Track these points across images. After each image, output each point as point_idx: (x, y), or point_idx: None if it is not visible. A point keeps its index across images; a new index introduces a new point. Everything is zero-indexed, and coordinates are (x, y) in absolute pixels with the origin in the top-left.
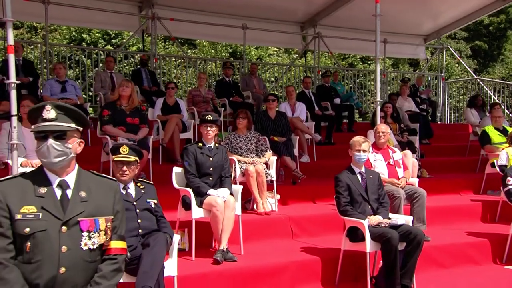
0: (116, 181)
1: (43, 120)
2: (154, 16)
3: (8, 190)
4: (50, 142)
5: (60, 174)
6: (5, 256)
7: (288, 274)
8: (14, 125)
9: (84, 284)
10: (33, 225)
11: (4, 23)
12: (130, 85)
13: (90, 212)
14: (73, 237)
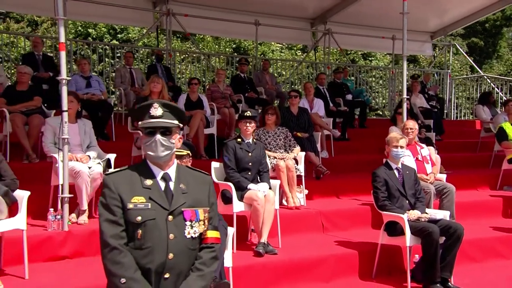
0: (209, 175)
1: (150, 117)
2: (169, 12)
3: (119, 181)
4: (158, 137)
5: (163, 168)
6: (120, 242)
7: (327, 266)
8: (65, 120)
9: (187, 270)
10: (144, 214)
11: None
12: (160, 81)
13: (191, 203)
14: (178, 226)
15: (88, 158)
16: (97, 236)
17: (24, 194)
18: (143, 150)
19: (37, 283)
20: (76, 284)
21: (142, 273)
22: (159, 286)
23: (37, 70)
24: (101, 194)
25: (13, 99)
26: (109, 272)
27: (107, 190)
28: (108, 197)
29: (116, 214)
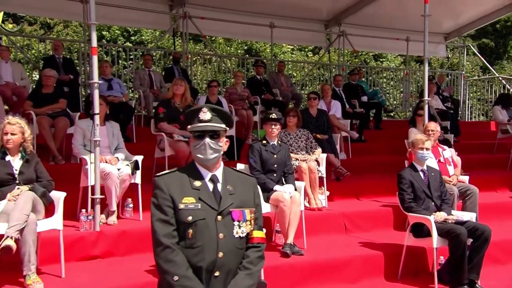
0: (253, 177)
1: (199, 121)
2: (186, 15)
3: (170, 183)
4: (207, 140)
5: (211, 170)
6: (172, 241)
7: (353, 267)
8: (97, 122)
9: (235, 269)
10: (194, 214)
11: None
12: (183, 84)
13: (238, 204)
14: (227, 225)
15: (117, 160)
16: (127, 237)
17: (60, 195)
18: (193, 153)
19: (73, 282)
20: (111, 284)
21: (193, 271)
22: (209, 284)
23: (58, 73)
24: (152, 195)
25: (39, 102)
26: (162, 270)
27: (159, 191)
28: (160, 198)
29: (168, 214)
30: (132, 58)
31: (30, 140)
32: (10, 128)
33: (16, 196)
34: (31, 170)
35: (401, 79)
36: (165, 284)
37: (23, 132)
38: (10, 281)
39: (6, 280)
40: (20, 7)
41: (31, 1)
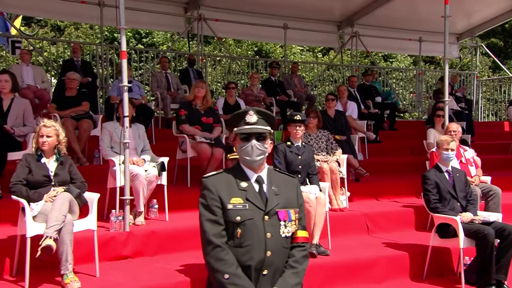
0: (295, 178)
1: (246, 124)
2: (201, 17)
3: (217, 184)
4: (254, 143)
5: (256, 171)
6: (221, 240)
7: (379, 268)
8: (126, 125)
9: (282, 267)
10: (242, 214)
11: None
12: (204, 86)
13: (283, 204)
14: (274, 225)
15: (144, 161)
16: (156, 237)
17: (94, 196)
18: (239, 154)
19: (108, 281)
20: (146, 283)
21: (242, 269)
22: (258, 282)
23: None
24: (200, 195)
25: (62, 105)
26: (212, 268)
27: (207, 191)
28: (209, 198)
29: (216, 214)
30: (143, 60)
31: (65, 142)
32: (46, 130)
33: (53, 197)
34: (65, 171)
35: (411, 80)
36: (215, 282)
37: (58, 134)
38: (47, 280)
39: (43, 279)
40: (38, 11)
41: (50, 5)
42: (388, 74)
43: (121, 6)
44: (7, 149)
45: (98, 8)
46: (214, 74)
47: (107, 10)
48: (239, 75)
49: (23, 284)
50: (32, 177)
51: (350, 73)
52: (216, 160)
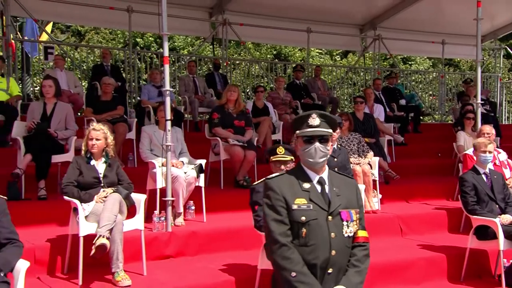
0: (354, 179)
1: (308, 126)
2: (226, 22)
3: (281, 185)
4: (317, 145)
5: (318, 172)
6: (287, 239)
7: (416, 269)
8: (168, 128)
9: (345, 266)
10: (307, 214)
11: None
12: (236, 90)
13: (345, 205)
14: (337, 225)
15: (182, 164)
16: (197, 237)
17: (141, 198)
18: (301, 156)
19: (155, 279)
20: (192, 282)
21: (307, 267)
22: (323, 280)
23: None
24: (264, 196)
25: (98, 109)
26: (279, 266)
27: (272, 192)
28: (273, 199)
29: (282, 214)
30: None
31: (112, 145)
32: (95, 134)
33: (103, 198)
34: (113, 173)
35: (430, 82)
36: (282, 279)
37: (106, 137)
38: (98, 277)
39: (95, 277)
40: (70, 18)
41: (80, 11)
42: (407, 77)
43: (164, 14)
44: (51, 152)
45: (127, 14)
46: (234, 78)
47: (135, 16)
48: (258, 78)
49: (77, 281)
50: (82, 179)
51: (369, 76)
52: (249, 162)
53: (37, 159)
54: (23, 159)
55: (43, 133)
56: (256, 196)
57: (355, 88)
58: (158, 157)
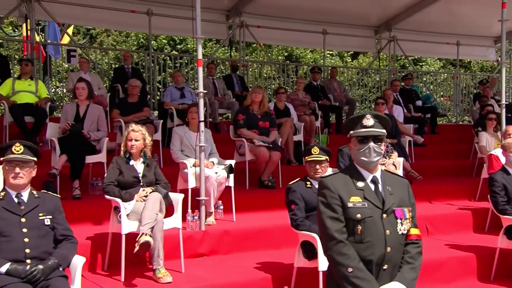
0: (405, 178)
1: (362, 127)
2: (243, 24)
3: (336, 183)
4: (372, 145)
5: (371, 171)
6: (343, 236)
7: (446, 269)
8: (202, 129)
9: (399, 263)
10: (362, 212)
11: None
12: (261, 91)
13: (398, 203)
14: (391, 223)
15: (213, 164)
16: (229, 236)
17: (179, 197)
18: (355, 156)
19: (194, 276)
20: (230, 279)
21: (363, 264)
22: (378, 276)
23: (127, 82)
24: (319, 194)
25: (125, 110)
26: (335, 262)
27: (327, 190)
28: (329, 197)
29: (337, 211)
30: (177, 66)
31: (150, 146)
32: (134, 135)
33: (143, 197)
34: (151, 173)
35: (440, 83)
36: (339, 275)
37: (144, 138)
38: (139, 274)
39: (136, 274)
40: (92, 21)
41: (101, 15)
42: (418, 78)
43: (198, 18)
44: (85, 153)
45: (147, 17)
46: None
47: (154, 19)
48: (269, 80)
49: (118, 277)
50: (123, 178)
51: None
52: (274, 163)
53: (72, 159)
54: (59, 160)
55: (77, 134)
56: (293, 195)
57: (366, 89)
58: (189, 158)
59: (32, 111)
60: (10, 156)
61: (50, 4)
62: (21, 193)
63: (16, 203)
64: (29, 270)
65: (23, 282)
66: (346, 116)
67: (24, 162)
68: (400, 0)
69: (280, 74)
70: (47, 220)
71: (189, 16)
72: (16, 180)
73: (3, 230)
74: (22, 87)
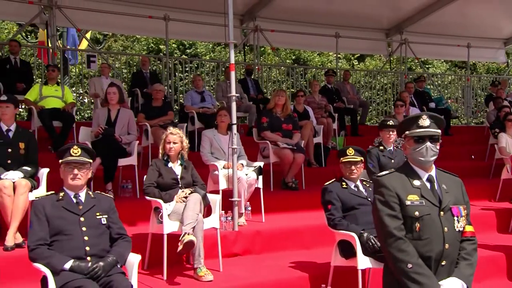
0: (458, 176)
1: (419, 127)
2: (257, 28)
3: (393, 182)
4: (428, 144)
5: (427, 170)
6: (402, 233)
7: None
8: (234, 132)
9: (455, 259)
10: (420, 209)
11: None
12: (284, 95)
13: (454, 201)
14: (448, 220)
15: (242, 166)
16: (261, 236)
17: (217, 198)
18: (411, 156)
19: (232, 275)
20: (268, 277)
21: (421, 260)
22: (436, 271)
23: (146, 86)
24: (376, 193)
25: (150, 114)
26: (395, 258)
27: (385, 189)
28: (387, 195)
29: (395, 209)
30: (187, 70)
31: (187, 148)
32: (172, 137)
33: (183, 198)
34: (189, 175)
35: (446, 86)
36: (398, 271)
37: (182, 141)
38: (179, 273)
39: (176, 273)
40: (111, 26)
41: (120, 21)
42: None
43: (230, 24)
44: (118, 156)
45: (164, 22)
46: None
47: (171, 24)
48: (277, 83)
49: (160, 276)
50: (162, 180)
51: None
52: (298, 164)
53: (106, 163)
54: (94, 163)
55: (110, 138)
56: (329, 195)
57: (373, 92)
58: (219, 160)
59: (60, 116)
60: (69, 158)
61: (70, 11)
62: (78, 193)
63: (75, 203)
64: (91, 267)
65: (86, 278)
66: (359, 118)
67: (81, 164)
68: (412, 3)
69: (288, 77)
70: (103, 219)
71: (202, 21)
72: (74, 181)
73: (64, 229)
74: (49, 92)
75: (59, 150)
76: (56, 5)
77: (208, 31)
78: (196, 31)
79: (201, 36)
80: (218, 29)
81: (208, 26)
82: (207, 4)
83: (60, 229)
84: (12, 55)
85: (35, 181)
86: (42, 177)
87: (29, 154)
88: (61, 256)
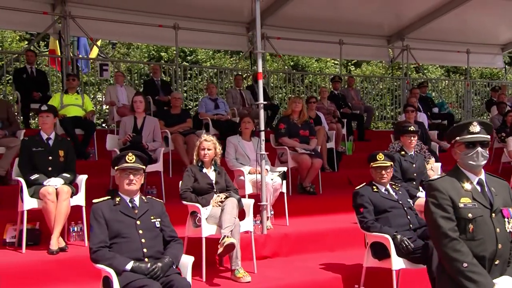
0: (505, 180)
1: (470, 133)
2: (264, 36)
3: (445, 185)
4: (479, 149)
5: (477, 174)
6: (456, 234)
7: None
8: (262, 138)
9: (507, 258)
10: (473, 211)
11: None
12: (301, 101)
13: (503, 204)
14: (500, 222)
15: (267, 171)
16: (289, 239)
17: (250, 202)
18: (462, 160)
19: (267, 276)
20: (302, 278)
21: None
22: (490, 270)
23: (157, 94)
24: (429, 196)
25: (169, 122)
26: (450, 258)
27: (438, 192)
28: (440, 198)
29: (449, 211)
30: (189, 77)
31: (220, 155)
32: (206, 144)
33: (219, 202)
34: (223, 180)
35: (441, 91)
36: (454, 270)
37: (215, 148)
38: (216, 275)
39: (214, 274)
40: (118, 35)
41: (131, 30)
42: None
43: (258, 34)
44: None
45: (173, 31)
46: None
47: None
48: (276, 89)
49: (199, 278)
50: (198, 185)
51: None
52: (315, 169)
53: None
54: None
55: (138, 145)
56: (361, 199)
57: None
58: (244, 165)
59: (81, 124)
60: (124, 164)
61: (83, 21)
62: (133, 198)
63: (131, 207)
64: (151, 267)
65: (148, 278)
66: (364, 123)
67: (136, 170)
68: (413, 11)
69: (287, 83)
70: (157, 222)
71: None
72: (130, 186)
73: (123, 232)
74: (70, 101)
75: (115, 158)
76: (70, 15)
77: (214, 39)
78: (205, 39)
79: (210, 44)
80: (224, 36)
81: (212, 34)
82: (216, 13)
83: (119, 232)
84: (28, 65)
85: (74, 187)
86: (80, 183)
87: (68, 161)
88: (122, 257)
